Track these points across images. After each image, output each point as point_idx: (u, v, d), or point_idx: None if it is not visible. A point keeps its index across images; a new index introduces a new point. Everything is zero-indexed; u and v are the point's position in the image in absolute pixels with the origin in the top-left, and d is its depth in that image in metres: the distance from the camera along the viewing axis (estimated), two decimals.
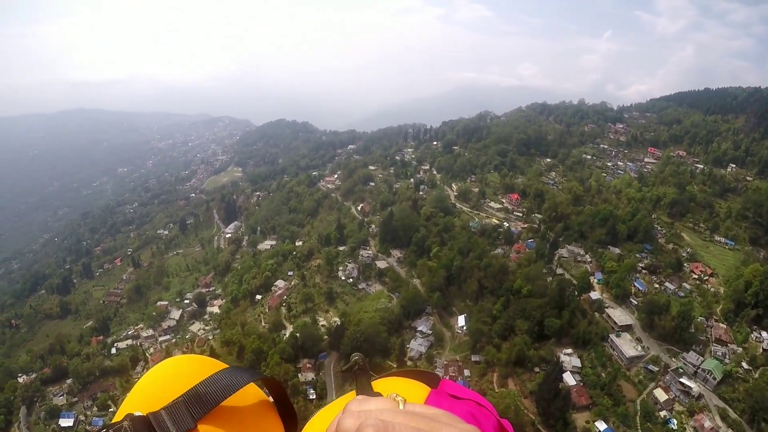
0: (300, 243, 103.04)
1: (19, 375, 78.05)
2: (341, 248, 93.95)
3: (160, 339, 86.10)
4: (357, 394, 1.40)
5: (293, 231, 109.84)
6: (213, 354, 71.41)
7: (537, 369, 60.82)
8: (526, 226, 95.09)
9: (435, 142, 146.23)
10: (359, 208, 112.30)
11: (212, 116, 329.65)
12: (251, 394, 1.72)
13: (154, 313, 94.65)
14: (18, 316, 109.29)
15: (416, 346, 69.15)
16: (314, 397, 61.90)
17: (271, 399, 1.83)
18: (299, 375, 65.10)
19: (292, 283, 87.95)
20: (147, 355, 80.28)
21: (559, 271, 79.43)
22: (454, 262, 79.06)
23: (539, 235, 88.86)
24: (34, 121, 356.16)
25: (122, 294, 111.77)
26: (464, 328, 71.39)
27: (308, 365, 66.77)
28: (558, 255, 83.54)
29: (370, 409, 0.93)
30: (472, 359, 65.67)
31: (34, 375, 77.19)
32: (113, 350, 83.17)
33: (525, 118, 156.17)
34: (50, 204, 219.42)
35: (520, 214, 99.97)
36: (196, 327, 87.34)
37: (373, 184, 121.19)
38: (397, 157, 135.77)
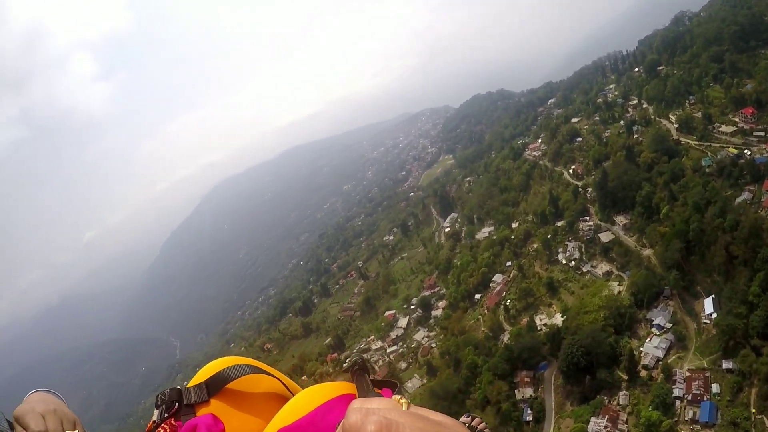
0: (516, 225, 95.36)
1: None
2: (559, 224, 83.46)
3: (389, 350, 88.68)
4: (358, 395, 1.59)
5: (508, 212, 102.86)
6: (430, 367, 74.40)
7: None
8: None
9: (636, 69, 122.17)
10: (571, 171, 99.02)
11: (413, 113, 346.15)
12: (265, 386, 2.20)
13: (382, 324, 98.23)
14: (270, 340, 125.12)
15: (651, 349, 55.58)
16: (530, 419, 54.76)
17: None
18: (516, 391, 58.49)
19: (511, 275, 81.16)
20: (376, 368, 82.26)
21: None
22: (691, 223, 61.47)
23: None
24: (260, 170, 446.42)
25: (355, 307, 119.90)
26: (713, 315, 54.38)
27: (526, 378, 59.72)
28: None
29: (375, 407, 0.98)
30: (723, 366, 49.54)
31: None
32: (344, 366, 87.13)
33: (727, 3, 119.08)
34: (292, 233, 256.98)
35: (763, 133, 74.14)
36: (420, 335, 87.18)
37: (580, 139, 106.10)
38: (599, 99, 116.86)
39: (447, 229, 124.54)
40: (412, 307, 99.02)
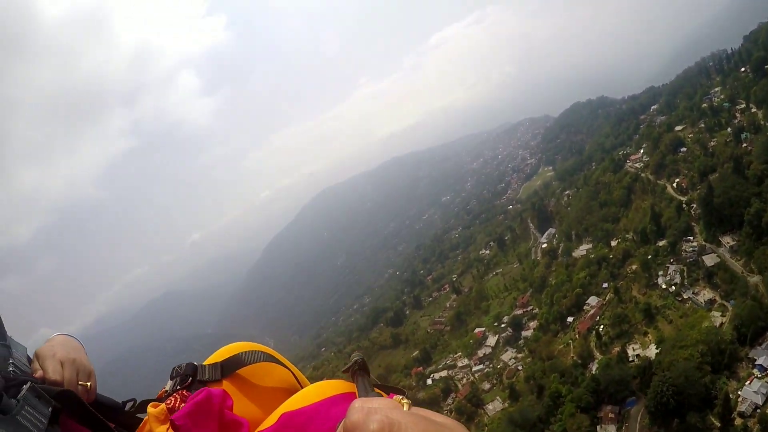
0: (615, 243, 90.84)
1: None
2: (660, 243, 78.22)
3: (474, 369, 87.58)
4: (358, 395, 1.57)
5: (607, 229, 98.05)
6: (513, 391, 72.09)
7: None
8: None
9: (742, 68, 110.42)
10: (675, 184, 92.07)
11: (512, 123, 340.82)
12: (277, 376, 2.26)
13: (471, 341, 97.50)
14: (359, 348, 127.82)
15: (750, 393, 48.78)
16: None
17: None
18: (599, 427, 55.24)
19: (606, 298, 77.29)
20: (459, 386, 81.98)
21: None
22: None
23: None
24: (360, 180, 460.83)
25: (445, 322, 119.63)
26: None
27: (611, 414, 55.58)
28: None
29: (376, 407, 0.97)
30: None
31: None
32: (429, 381, 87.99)
33: None
34: (390, 242, 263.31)
35: None
36: (508, 355, 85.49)
37: (684, 149, 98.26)
38: (704, 104, 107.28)
39: (544, 245, 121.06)
40: (503, 325, 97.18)
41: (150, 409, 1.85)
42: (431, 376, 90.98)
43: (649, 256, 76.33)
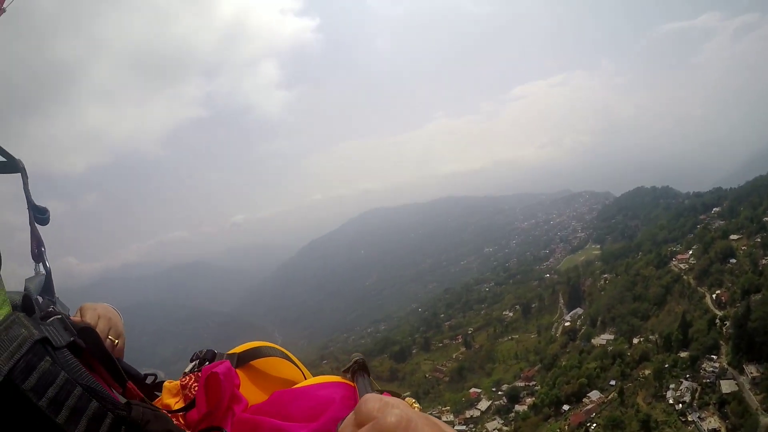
0: (637, 341, 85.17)
1: None
2: (682, 354, 72.27)
3: (456, 428, 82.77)
4: (360, 394, 1.61)
5: (634, 324, 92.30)
6: None
7: None
8: None
9: None
10: (714, 296, 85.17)
11: (572, 192, 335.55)
12: (286, 372, 2.33)
13: (463, 399, 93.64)
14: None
15: None
16: None
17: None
18: None
19: (609, 396, 71.96)
20: None
21: None
22: None
23: None
24: (412, 210, 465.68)
25: (446, 372, 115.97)
26: None
27: None
28: None
29: (393, 402, 0.98)
30: None
31: None
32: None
33: None
34: (422, 278, 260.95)
35: None
36: (493, 425, 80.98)
37: (734, 261, 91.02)
38: (766, 218, 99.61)
39: (567, 323, 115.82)
40: (500, 393, 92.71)
41: (166, 383, 1.96)
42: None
43: (666, 365, 70.78)
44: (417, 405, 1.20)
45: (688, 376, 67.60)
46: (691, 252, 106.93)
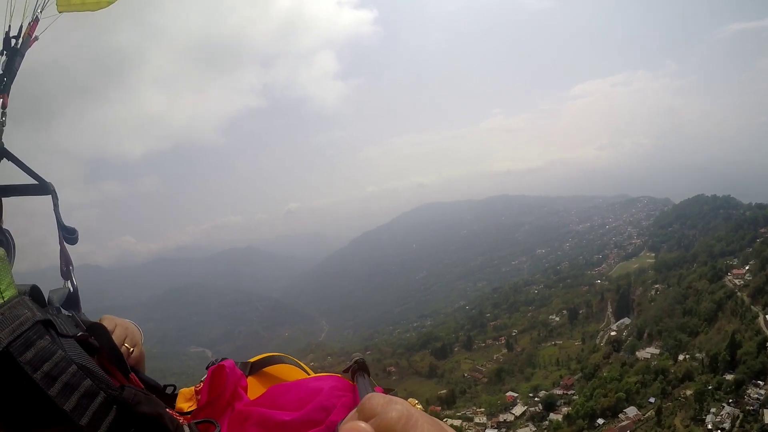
0: (682, 358, 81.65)
1: None
2: (727, 376, 68.59)
3: (488, 431, 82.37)
4: (360, 394, 1.63)
5: (681, 340, 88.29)
6: None
7: None
8: None
9: None
10: None
11: (630, 197, 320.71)
12: (296, 377, 2.30)
13: (498, 402, 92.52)
14: (397, 365, 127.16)
15: None
16: None
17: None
18: None
19: (646, 415, 69.36)
20: None
21: None
22: None
23: None
24: (465, 206, 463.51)
25: (485, 373, 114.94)
26: None
27: None
28: None
29: (396, 398, 0.98)
30: None
31: None
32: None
33: None
34: (472, 276, 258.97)
35: None
36: (525, 431, 79.67)
37: None
38: None
39: (613, 333, 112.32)
40: (537, 399, 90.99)
41: (182, 390, 2.01)
42: (444, 420, 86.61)
43: (709, 387, 67.49)
44: (419, 405, 1.23)
45: (731, 400, 64.11)
46: (747, 267, 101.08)
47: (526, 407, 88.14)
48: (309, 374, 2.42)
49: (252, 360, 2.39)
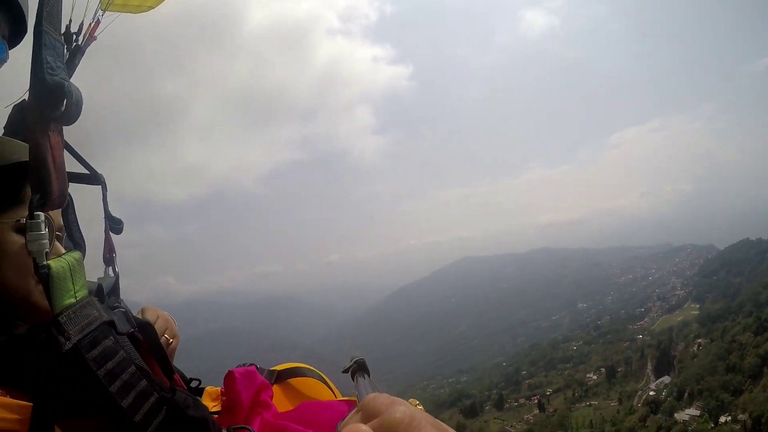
0: (723, 420, 73.44)
1: None
2: None
3: None
4: (360, 394, 1.64)
5: (723, 399, 79.98)
6: None
7: None
8: None
9: None
10: None
11: (673, 246, 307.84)
12: (319, 393, 2.33)
13: None
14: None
15: None
16: None
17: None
18: None
19: None
20: None
21: None
22: None
23: None
24: (506, 260, 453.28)
25: None
26: None
27: None
28: None
29: (399, 399, 0.89)
30: None
31: None
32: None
33: None
34: (513, 331, 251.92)
35: None
36: None
37: None
38: None
39: (652, 393, 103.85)
40: None
41: (208, 388, 2.07)
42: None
43: None
44: (421, 407, 1.22)
45: None
46: None
47: None
48: (334, 391, 2.42)
49: (278, 368, 2.38)
